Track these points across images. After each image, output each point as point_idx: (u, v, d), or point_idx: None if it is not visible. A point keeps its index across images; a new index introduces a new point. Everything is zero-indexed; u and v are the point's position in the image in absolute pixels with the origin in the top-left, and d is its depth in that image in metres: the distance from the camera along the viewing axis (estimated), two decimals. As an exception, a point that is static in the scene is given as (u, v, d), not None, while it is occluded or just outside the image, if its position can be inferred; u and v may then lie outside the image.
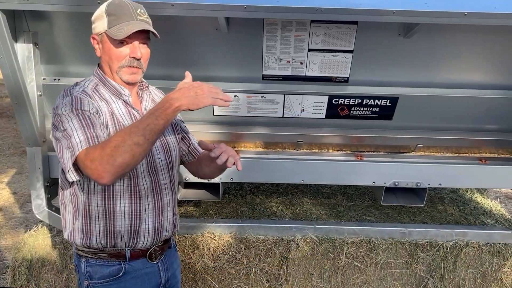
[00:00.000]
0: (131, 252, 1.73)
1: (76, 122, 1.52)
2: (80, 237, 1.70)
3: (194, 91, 1.47)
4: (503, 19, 2.14)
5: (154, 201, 1.74)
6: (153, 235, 1.75)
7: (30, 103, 2.42)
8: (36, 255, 2.79)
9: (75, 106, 1.55)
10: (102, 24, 1.61)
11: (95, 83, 1.70)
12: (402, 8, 2.11)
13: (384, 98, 2.67)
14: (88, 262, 1.72)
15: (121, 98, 1.70)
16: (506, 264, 2.86)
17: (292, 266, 2.81)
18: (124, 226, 1.69)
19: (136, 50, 1.63)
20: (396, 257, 2.83)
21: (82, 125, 1.51)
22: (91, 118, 1.54)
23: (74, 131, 1.50)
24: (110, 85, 1.69)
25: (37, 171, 2.60)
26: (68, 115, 1.54)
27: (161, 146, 1.77)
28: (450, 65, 2.58)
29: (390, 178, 2.77)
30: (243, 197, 3.50)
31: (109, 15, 1.59)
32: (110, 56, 1.64)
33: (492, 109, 2.74)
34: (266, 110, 2.74)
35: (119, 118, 1.66)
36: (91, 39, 1.67)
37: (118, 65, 1.65)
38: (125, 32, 1.57)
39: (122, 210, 1.68)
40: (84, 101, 1.58)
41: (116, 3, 1.61)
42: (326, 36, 2.47)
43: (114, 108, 1.67)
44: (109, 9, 1.60)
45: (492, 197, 3.91)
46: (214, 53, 2.54)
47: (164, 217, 1.78)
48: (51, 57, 2.54)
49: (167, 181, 1.79)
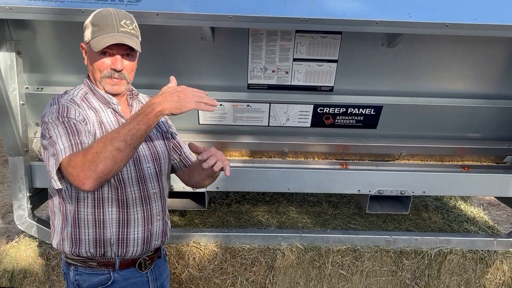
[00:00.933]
0: (121, 261, 1.71)
1: (61, 129, 1.52)
2: (69, 246, 1.67)
3: (177, 95, 1.45)
4: (483, 30, 2.18)
5: (143, 210, 1.72)
6: (142, 244, 1.73)
7: (13, 112, 2.39)
8: (18, 266, 2.74)
9: (61, 114, 1.55)
10: (87, 34, 1.62)
11: (84, 91, 1.69)
12: (386, 18, 2.14)
13: (368, 107, 2.69)
14: (77, 270, 1.70)
15: (110, 106, 1.69)
16: (489, 271, 2.89)
17: (278, 275, 2.81)
18: (113, 234, 1.67)
19: (117, 62, 1.62)
20: (381, 265, 2.84)
21: (67, 132, 1.51)
22: (76, 126, 1.54)
23: (59, 138, 1.50)
24: (98, 94, 1.68)
25: (19, 181, 2.56)
26: (54, 123, 1.53)
27: (150, 155, 1.75)
28: (432, 75, 2.62)
29: (375, 186, 2.79)
30: (229, 206, 3.49)
31: (93, 25, 1.59)
32: (93, 66, 1.65)
33: (474, 118, 2.78)
34: (252, 119, 2.75)
35: (107, 126, 1.65)
36: (80, 47, 1.69)
37: (100, 75, 1.65)
38: (102, 44, 1.56)
39: (110, 218, 1.66)
40: (71, 109, 1.58)
41: (103, 13, 1.61)
42: (311, 45, 2.49)
43: (103, 116, 1.66)
44: (94, 19, 1.60)
45: (476, 204, 3.96)
46: (200, 62, 2.55)
47: (153, 226, 1.76)
48: (34, 66, 2.51)
49: (156, 190, 1.77)
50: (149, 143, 1.77)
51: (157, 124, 1.83)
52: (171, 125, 1.96)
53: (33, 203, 2.65)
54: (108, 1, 2.12)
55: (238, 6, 2.16)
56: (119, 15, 1.62)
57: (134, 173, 1.69)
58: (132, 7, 2.07)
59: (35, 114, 2.63)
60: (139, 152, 1.71)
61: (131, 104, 1.79)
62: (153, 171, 1.76)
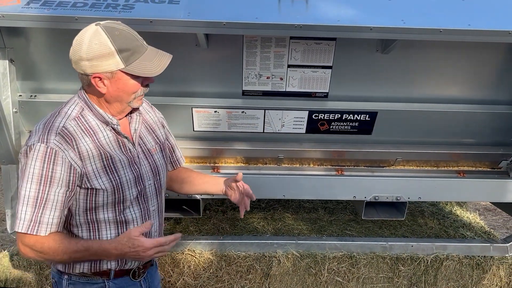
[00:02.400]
0: (115, 271, 1.70)
1: (33, 191, 1.47)
2: (63, 266, 1.65)
3: (138, 253, 1.54)
4: (476, 36, 2.19)
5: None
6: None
7: (5, 120, 2.37)
8: (11, 275, 2.71)
9: (45, 168, 1.46)
10: (114, 62, 1.47)
11: (81, 107, 1.57)
12: (379, 24, 2.14)
13: (363, 113, 2.69)
14: (71, 279, 1.68)
15: (109, 125, 1.60)
16: (485, 277, 2.88)
17: (274, 282, 2.79)
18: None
19: (151, 77, 1.58)
20: (378, 272, 2.83)
21: (35, 202, 1.47)
22: (48, 194, 1.48)
23: (25, 204, 1.48)
24: (97, 112, 1.58)
25: (12, 190, 2.54)
26: (32, 177, 1.46)
27: (151, 171, 1.72)
28: (427, 80, 2.63)
29: (370, 193, 2.78)
30: (224, 213, 3.47)
31: (121, 51, 1.46)
32: (125, 91, 1.54)
33: (469, 123, 2.78)
34: (247, 126, 2.74)
35: (106, 148, 1.58)
36: (94, 79, 1.50)
37: (132, 97, 1.58)
38: (150, 68, 1.52)
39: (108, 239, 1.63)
40: (57, 161, 1.46)
41: (120, 35, 1.48)
42: (305, 52, 2.49)
43: (101, 138, 1.58)
44: (118, 44, 1.46)
45: (472, 210, 3.96)
46: (194, 69, 2.54)
47: None
48: (28, 73, 2.49)
49: (155, 207, 1.76)
50: (149, 158, 1.72)
51: (156, 135, 1.81)
52: (167, 128, 1.95)
53: (26, 211, 2.62)
54: (102, 8, 2.10)
55: (232, 12, 2.16)
56: (129, 29, 1.54)
57: (136, 194, 1.65)
58: (126, 14, 2.06)
59: (28, 121, 2.61)
60: (141, 171, 1.67)
61: (130, 115, 1.70)
62: (153, 188, 1.74)
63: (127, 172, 1.61)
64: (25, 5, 2.07)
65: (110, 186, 1.56)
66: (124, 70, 1.49)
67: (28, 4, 2.08)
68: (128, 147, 1.64)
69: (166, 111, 2.10)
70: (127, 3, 2.14)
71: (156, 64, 1.54)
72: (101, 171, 1.55)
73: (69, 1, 2.11)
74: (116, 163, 1.59)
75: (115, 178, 1.58)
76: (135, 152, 1.66)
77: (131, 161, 1.63)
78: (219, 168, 2.91)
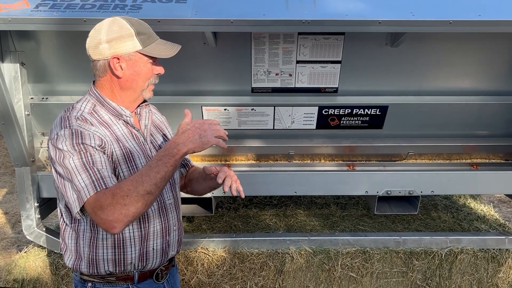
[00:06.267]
0: (139, 274, 1.70)
1: (77, 160, 1.44)
2: (87, 267, 1.63)
3: (198, 133, 1.47)
4: (487, 26, 2.16)
5: (161, 221, 1.70)
6: (161, 255, 1.72)
7: (18, 123, 2.40)
8: (27, 276, 2.74)
9: (76, 141, 1.46)
10: (133, 44, 1.54)
11: (92, 103, 1.60)
12: (388, 18, 2.12)
13: (373, 107, 2.67)
14: (95, 286, 1.67)
15: (121, 118, 1.62)
16: (501, 270, 2.85)
17: (288, 279, 2.79)
18: (135, 252, 1.64)
19: (161, 67, 1.65)
20: (392, 266, 2.81)
21: (84, 164, 1.44)
22: (92, 156, 1.46)
23: (77, 173, 1.43)
24: (109, 106, 1.60)
25: (27, 192, 2.57)
26: (69, 152, 1.45)
27: None
28: (437, 72, 2.60)
29: (382, 187, 2.76)
30: (236, 211, 3.48)
31: (139, 34, 1.55)
32: (140, 75, 1.59)
33: (481, 115, 2.75)
34: (257, 123, 2.74)
35: (122, 140, 1.59)
36: (112, 59, 1.54)
37: (147, 84, 1.63)
38: (163, 50, 1.60)
39: (131, 236, 1.62)
40: (85, 135, 1.48)
41: (136, 22, 1.58)
42: (314, 47, 2.48)
43: (116, 130, 1.59)
44: (136, 27, 1.55)
45: (486, 202, 3.92)
46: (203, 67, 2.54)
47: (170, 237, 1.75)
48: (39, 76, 2.52)
49: (171, 201, 1.76)
50: None
51: (164, 134, 1.82)
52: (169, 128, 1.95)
53: (41, 213, 2.66)
54: (110, 9, 2.12)
55: (240, 10, 2.16)
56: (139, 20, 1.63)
57: None
58: (134, 14, 2.07)
59: (41, 124, 2.64)
60: None
61: (139, 113, 1.72)
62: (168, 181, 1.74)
63: (143, 162, 1.62)
64: (34, 9, 2.09)
65: (129, 175, 1.56)
66: (142, 51, 1.56)
67: (37, 7, 2.10)
68: (141, 140, 1.67)
69: (175, 110, 2.10)
70: (135, 3, 2.15)
71: (169, 48, 1.63)
72: (121, 158, 1.56)
73: (77, 3, 2.13)
74: (133, 153, 1.60)
75: (133, 167, 1.58)
76: (147, 146, 1.68)
77: (145, 154, 1.65)
78: (230, 166, 2.92)
